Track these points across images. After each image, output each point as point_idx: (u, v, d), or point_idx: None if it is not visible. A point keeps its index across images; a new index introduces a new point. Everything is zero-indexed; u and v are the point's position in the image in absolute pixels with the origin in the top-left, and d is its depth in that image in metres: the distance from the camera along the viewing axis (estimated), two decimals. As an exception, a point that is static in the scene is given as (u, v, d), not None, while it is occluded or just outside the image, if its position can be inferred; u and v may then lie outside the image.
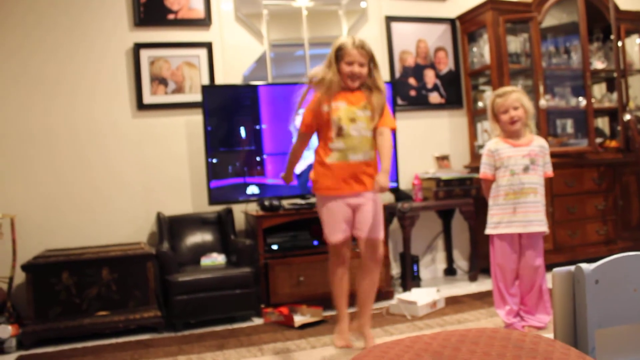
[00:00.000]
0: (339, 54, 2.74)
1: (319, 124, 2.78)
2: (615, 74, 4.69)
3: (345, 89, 2.76)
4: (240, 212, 4.01)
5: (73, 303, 3.30)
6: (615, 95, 4.77)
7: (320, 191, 2.79)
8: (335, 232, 2.74)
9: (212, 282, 3.41)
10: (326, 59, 2.79)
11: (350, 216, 2.76)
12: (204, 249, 3.81)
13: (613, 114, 4.94)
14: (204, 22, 4.10)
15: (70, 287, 3.31)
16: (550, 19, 4.62)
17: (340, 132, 2.71)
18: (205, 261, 3.68)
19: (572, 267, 1.17)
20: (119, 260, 3.39)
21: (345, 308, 2.85)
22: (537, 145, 2.95)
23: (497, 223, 2.94)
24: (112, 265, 3.37)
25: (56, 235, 3.75)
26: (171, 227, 3.82)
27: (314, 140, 2.89)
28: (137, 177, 3.96)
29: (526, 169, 2.89)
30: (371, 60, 2.79)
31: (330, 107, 2.71)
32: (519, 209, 2.89)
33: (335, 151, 2.73)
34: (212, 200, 3.77)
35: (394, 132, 4.05)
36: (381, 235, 2.79)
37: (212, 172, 3.76)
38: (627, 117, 3.97)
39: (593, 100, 4.62)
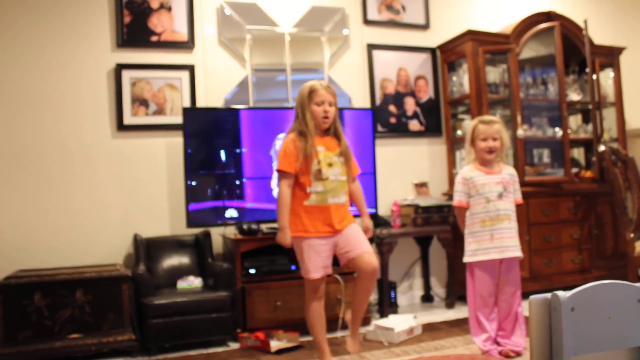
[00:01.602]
0: (310, 97, 2.85)
1: (301, 166, 2.83)
2: (590, 106, 4.79)
3: (319, 133, 2.88)
4: (219, 235, 3.99)
5: (45, 325, 3.23)
6: (590, 127, 4.87)
7: (298, 232, 2.84)
8: (315, 269, 2.83)
9: (188, 306, 3.37)
10: (296, 106, 2.91)
11: (331, 255, 2.87)
12: (180, 272, 3.77)
13: (588, 145, 5.03)
14: (187, 45, 4.12)
15: (42, 308, 3.24)
16: (528, 51, 4.72)
17: (319, 176, 2.81)
18: (182, 284, 3.64)
19: (548, 295, 1.18)
20: (93, 281, 3.33)
21: (326, 342, 2.91)
22: (507, 173, 3.05)
23: (475, 250, 2.97)
24: (86, 287, 3.31)
25: (30, 256, 3.68)
26: (148, 249, 3.78)
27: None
28: (115, 198, 3.92)
29: (500, 196, 2.96)
30: (336, 104, 2.92)
31: (313, 150, 2.80)
32: (496, 235, 2.93)
33: (313, 194, 2.82)
34: (191, 223, 3.74)
35: (373, 158, 4.11)
36: (369, 248, 2.88)
37: (191, 195, 3.74)
38: (602, 148, 4.04)
39: (569, 131, 4.71)
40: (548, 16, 4.68)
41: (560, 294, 1.15)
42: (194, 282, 3.65)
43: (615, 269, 4.60)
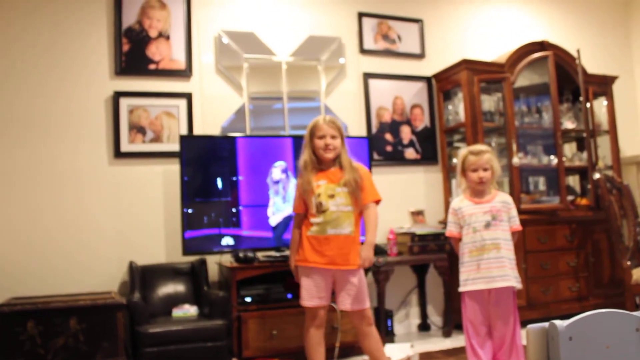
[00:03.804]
0: (312, 132, 2.98)
1: (306, 202, 2.98)
2: (584, 134, 4.83)
3: (323, 167, 2.98)
4: (214, 263, 3.97)
5: (37, 354, 3.18)
6: (585, 155, 4.90)
7: (300, 262, 2.95)
8: (311, 298, 2.90)
9: (183, 334, 3.33)
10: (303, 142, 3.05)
11: (329, 286, 2.92)
12: (176, 300, 3.74)
13: (583, 173, 5.06)
14: (185, 73, 4.15)
15: (35, 337, 3.20)
16: (523, 80, 4.78)
17: (319, 208, 2.91)
18: (177, 312, 3.61)
19: (546, 324, 1.18)
20: (88, 309, 3.29)
21: None
22: (499, 201, 3.02)
23: (465, 280, 2.98)
24: (80, 315, 3.27)
25: (24, 283, 3.65)
26: (143, 277, 3.75)
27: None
28: (111, 225, 3.90)
29: (487, 225, 2.95)
30: (341, 136, 3.01)
31: (310, 187, 2.92)
32: (482, 265, 2.92)
33: (315, 225, 2.92)
34: (186, 251, 3.73)
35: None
36: (366, 304, 2.94)
37: (188, 222, 3.73)
38: (597, 175, 4.07)
39: (564, 159, 4.73)
40: (542, 46, 4.75)
41: (558, 323, 1.15)
42: (189, 310, 3.62)
43: (613, 297, 4.58)
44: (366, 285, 2.97)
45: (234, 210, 3.84)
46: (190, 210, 3.74)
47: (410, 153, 4.75)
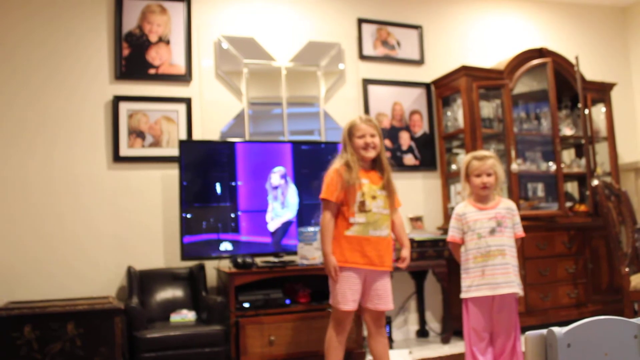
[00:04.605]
0: (351, 132, 2.95)
1: (344, 198, 2.89)
2: (583, 141, 4.83)
3: (364, 167, 2.96)
4: (213, 269, 3.96)
5: (34, 359, 3.18)
6: (583, 161, 4.91)
7: (340, 263, 2.88)
8: (346, 301, 2.86)
9: (181, 340, 3.32)
10: (342, 143, 3.01)
11: (360, 288, 2.90)
12: (174, 305, 3.73)
13: (582, 179, 5.06)
14: (185, 78, 4.16)
15: (32, 341, 3.19)
16: (521, 87, 4.79)
17: (362, 208, 2.88)
18: (175, 318, 3.60)
19: (544, 331, 1.18)
20: (85, 314, 3.28)
21: None
22: (504, 207, 3.01)
23: (469, 287, 2.96)
24: (78, 320, 3.26)
25: (22, 287, 3.64)
26: (141, 282, 3.75)
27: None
28: (110, 230, 3.90)
29: (492, 232, 2.94)
30: (379, 135, 2.99)
31: (356, 183, 2.87)
32: (487, 272, 2.91)
33: (356, 225, 2.87)
34: (185, 256, 3.72)
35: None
36: (391, 306, 2.96)
37: (186, 227, 3.72)
38: (595, 182, 4.07)
39: (563, 165, 4.74)
40: (540, 52, 4.76)
41: (556, 330, 1.14)
42: (187, 315, 3.61)
43: (611, 303, 4.58)
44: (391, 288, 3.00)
45: (232, 215, 3.84)
46: (189, 215, 3.74)
47: (409, 159, 4.76)
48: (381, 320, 2.96)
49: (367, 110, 4.65)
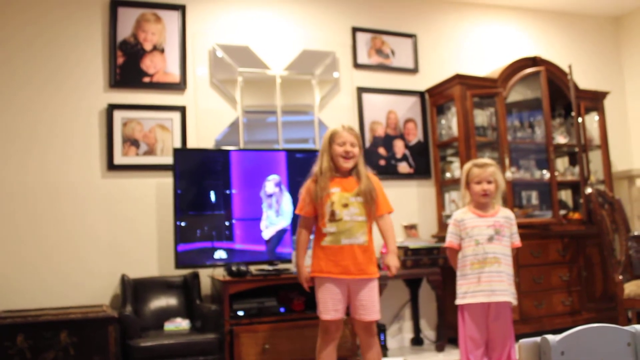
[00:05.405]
0: (332, 138, 2.95)
1: (317, 210, 2.92)
2: (576, 149, 4.86)
3: (339, 175, 2.94)
4: (207, 277, 3.95)
5: (27, 368, 3.16)
6: (577, 169, 4.93)
7: (314, 273, 2.91)
8: (327, 311, 2.86)
9: (175, 348, 3.31)
10: (320, 149, 3.02)
11: (344, 298, 2.88)
12: (168, 314, 3.72)
13: (575, 187, 5.08)
14: (179, 86, 4.16)
15: (25, 350, 3.16)
16: (515, 95, 4.81)
17: (332, 217, 2.86)
18: (169, 326, 3.59)
19: (538, 338, 1.18)
20: (79, 323, 3.27)
21: None
22: (503, 216, 3.02)
23: (465, 293, 2.96)
24: (71, 328, 3.25)
25: (16, 296, 3.62)
26: (135, 290, 3.73)
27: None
28: (104, 238, 3.89)
29: (490, 239, 2.95)
30: (359, 145, 2.99)
31: (324, 193, 2.87)
32: (483, 279, 2.91)
33: (328, 235, 2.87)
34: (179, 264, 3.71)
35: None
36: (377, 316, 2.92)
37: (180, 236, 3.72)
38: (589, 190, 4.09)
39: (556, 174, 4.76)
40: (534, 61, 4.79)
41: (550, 337, 1.15)
42: (181, 324, 3.60)
43: (605, 311, 4.59)
44: (378, 297, 2.95)
45: (227, 223, 3.83)
46: (183, 224, 3.73)
47: (403, 167, 4.77)
48: (370, 329, 2.94)
49: (361, 118, 4.66)
